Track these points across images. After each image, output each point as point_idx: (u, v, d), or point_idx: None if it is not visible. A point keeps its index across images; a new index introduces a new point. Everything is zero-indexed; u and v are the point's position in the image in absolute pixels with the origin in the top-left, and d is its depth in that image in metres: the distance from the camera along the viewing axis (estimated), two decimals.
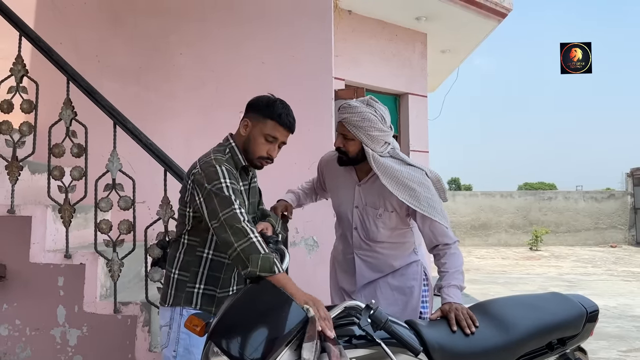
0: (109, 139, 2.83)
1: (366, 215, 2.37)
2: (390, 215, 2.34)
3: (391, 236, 2.38)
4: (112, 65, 4.06)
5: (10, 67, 2.91)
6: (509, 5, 6.81)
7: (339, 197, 2.48)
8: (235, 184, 1.86)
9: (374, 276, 2.42)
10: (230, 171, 1.88)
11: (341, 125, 2.30)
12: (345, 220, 2.45)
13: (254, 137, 1.97)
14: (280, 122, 1.95)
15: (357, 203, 2.40)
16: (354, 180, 2.43)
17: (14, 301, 2.94)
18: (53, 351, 2.90)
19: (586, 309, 2.08)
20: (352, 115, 2.24)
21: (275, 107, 1.96)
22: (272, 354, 1.36)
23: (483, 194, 17.03)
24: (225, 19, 4.14)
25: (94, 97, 2.85)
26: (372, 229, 2.36)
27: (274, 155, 2.01)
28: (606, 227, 16.50)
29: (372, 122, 2.23)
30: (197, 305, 1.95)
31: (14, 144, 2.86)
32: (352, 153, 2.31)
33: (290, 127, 1.99)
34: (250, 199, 2.08)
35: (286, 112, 1.97)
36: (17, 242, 2.89)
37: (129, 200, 2.78)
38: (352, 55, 6.22)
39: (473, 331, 1.86)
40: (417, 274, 2.43)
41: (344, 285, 2.50)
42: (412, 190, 2.23)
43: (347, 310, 1.58)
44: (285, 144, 2.04)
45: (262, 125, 1.96)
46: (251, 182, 2.10)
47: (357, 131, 2.24)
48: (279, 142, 2.00)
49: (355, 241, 2.42)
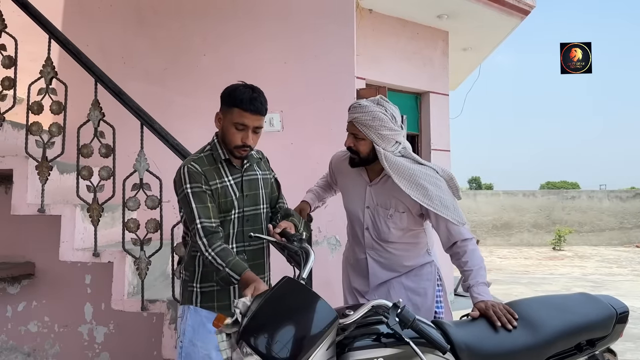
0: (136, 139, 2.87)
1: (377, 216, 2.36)
2: (401, 215, 2.32)
3: (403, 237, 2.36)
4: (137, 66, 4.12)
5: (39, 70, 2.97)
6: (532, 2, 6.72)
7: (350, 196, 2.48)
8: (199, 186, 1.94)
9: (388, 276, 2.40)
10: (194, 173, 1.95)
11: (351, 125, 2.31)
12: (356, 220, 2.45)
13: (226, 128, 1.99)
14: (244, 107, 1.92)
15: (368, 203, 2.39)
16: (365, 181, 2.42)
17: (42, 298, 3.00)
18: (81, 348, 2.96)
19: (616, 310, 2.05)
20: (363, 114, 2.24)
21: (237, 94, 1.94)
22: (303, 354, 1.37)
23: (505, 193, 16.84)
24: (248, 20, 4.16)
25: (121, 98, 2.89)
26: (384, 229, 2.35)
27: (249, 142, 1.98)
28: (631, 226, 16.18)
29: (383, 121, 2.22)
30: (197, 303, 2.04)
31: (43, 145, 2.91)
32: (363, 153, 2.30)
33: (257, 110, 1.95)
34: (245, 192, 2.07)
35: (249, 97, 1.93)
36: (47, 241, 2.95)
37: (156, 200, 2.82)
38: (373, 54, 6.20)
39: (515, 325, 1.87)
40: (430, 275, 2.42)
41: (357, 285, 2.49)
42: (425, 189, 2.20)
43: (374, 309, 1.58)
44: (261, 127, 2.01)
45: (230, 114, 1.97)
46: (244, 174, 2.09)
47: (368, 130, 2.24)
48: (251, 128, 1.97)
49: (367, 241, 2.41)
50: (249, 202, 2.09)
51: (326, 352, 1.44)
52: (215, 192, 2.00)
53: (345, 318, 1.54)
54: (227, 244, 2.02)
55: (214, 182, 2.00)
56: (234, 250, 2.04)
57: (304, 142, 3.94)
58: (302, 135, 3.95)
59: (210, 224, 1.92)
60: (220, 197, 2.01)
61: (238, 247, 2.08)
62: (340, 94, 4.00)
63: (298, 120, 4.01)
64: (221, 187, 2.02)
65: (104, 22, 4.22)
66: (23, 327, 3.00)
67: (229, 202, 2.03)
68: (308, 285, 1.66)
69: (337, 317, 1.47)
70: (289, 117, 4.03)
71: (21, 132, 3.13)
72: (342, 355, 1.53)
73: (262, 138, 2.10)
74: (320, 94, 4.03)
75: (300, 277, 1.67)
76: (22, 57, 3.05)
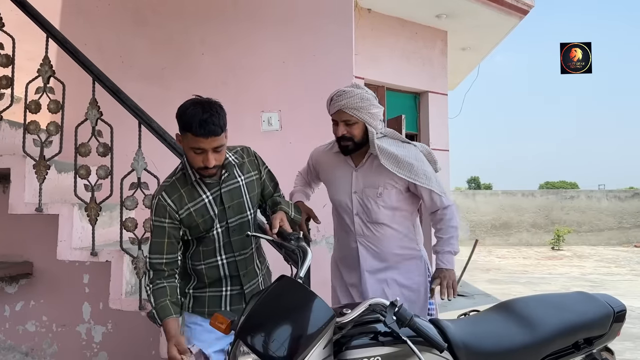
0: (133, 138, 2.86)
1: (366, 198, 2.42)
2: (390, 192, 2.40)
3: (393, 218, 2.42)
4: (136, 65, 4.11)
5: (37, 68, 2.96)
6: (531, 2, 6.72)
7: (336, 186, 2.53)
8: (161, 221, 1.95)
9: (379, 266, 2.43)
10: (160, 206, 1.95)
11: (341, 113, 2.36)
12: (344, 209, 2.50)
13: (186, 151, 1.91)
14: (195, 132, 1.79)
15: (355, 188, 2.45)
16: (351, 167, 2.49)
17: (40, 298, 2.99)
18: (79, 347, 2.95)
19: (613, 309, 2.06)
20: (351, 98, 2.32)
21: (186, 117, 1.81)
22: (300, 352, 1.37)
23: (504, 193, 16.83)
24: (246, 20, 4.15)
25: (119, 97, 2.88)
26: (374, 209, 2.41)
27: (209, 164, 1.85)
28: (630, 226, 16.17)
29: (370, 100, 2.34)
30: (189, 308, 2.08)
31: (41, 144, 2.91)
32: (357, 137, 2.38)
33: (209, 133, 1.80)
34: (227, 203, 2.01)
35: (199, 120, 1.79)
36: (44, 240, 2.94)
37: None
38: (371, 53, 6.19)
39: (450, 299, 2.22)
40: (421, 270, 2.47)
41: (349, 279, 2.52)
42: (410, 165, 2.35)
43: (371, 307, 1.58)
44: (222, 145, 1.88)
45: (185, 138, 1.86)
46: (223, 186, 2.01)
47: (359, 112, 2.32)
48: (209, 150, 1.84)
49: (357, 228, 2.46)
50: (233, 212, 2.04)
51: (323, 350, 1.44)
52: (189, 217, 1.97)
53: (343, 317, 1.54)
54: (215, 257, 2.04)
55: (186, 207, 1.96)
56: (224, 262, 2.05)
57: (302, 142, 3.92)
58: (301, 135, 3.95)
59: (158, 260, 1.96)
60: (197, 218, 1.97)
61: (228, 259, 2.06)
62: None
63: (296, 119, 4.01)
64: (196, 209, 1.97)
65: (102, 21, 4.21)
66: (21, 327, 2.99)
67: (208, 220, 1.99)
68: (306, 284, 1.66)
69: (334, 315, 1.47)
70: (287, 117, 4.03)
71: (19, 131, 3.12)
72: (340, 353, 1.53)
73: (261, 137, 2.10)
74: (319, 94, 4.00)
75: (297, 276, 1.67)
76: (20, 56, 3.04)
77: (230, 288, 2.08)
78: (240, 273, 2.07)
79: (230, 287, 2.08)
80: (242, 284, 2.09)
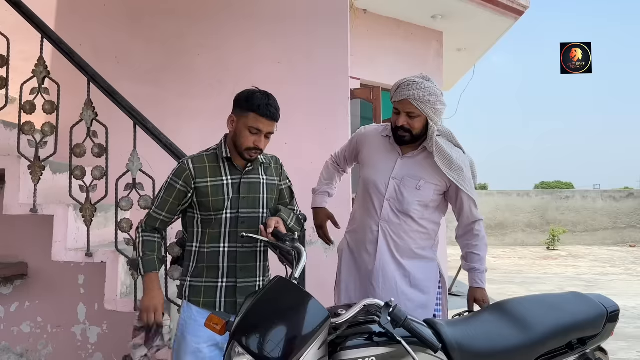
0: (129, 139, 2.86)
1: (404, 186, 2.39)
2: (429, 189, 2.38)
3: (422, 215, 2.40)
4: (131, 66, 4.11)
5: (32, 69, 2.95)
6: (526, 3, 6.74)
7: (376, 167, 2.48)
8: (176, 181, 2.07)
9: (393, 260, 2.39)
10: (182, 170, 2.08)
11: (406, 103, 2.32)
12: (376, 191, 2.44)
13: (239, 131, 2.06)
14: (261, 113, 2.01)
15: (395, 174, 2.42)
16: (397, 153, 2.46)
17: (35, 299, 2.99)
18: (74, 348, 2.95)
19: (607, 309, 2.07)
20: (420, 90, 2.29)
21: (254, 100, 2.02)
22: (295, 353, 1.37)
23: (499, 193, 16.89)
24: (242, 21, 4.16)
25: (115, 98, 2.88)
26: (408, 199, 2.37)
27: (260, 146, 2.06)
28: (625, 226, 16.25)
29: (438, 96, 2.32)
30: (186, 298, 2.12)
31: (36, 144, 2.90)
32: (417, 130, 2.35)
33: (272, 116, 2.04)
34: (243, 194, 2.11)
35: (266, 103, 2.02)
36: (39, 241, 2.94)
37: (149, 200, 2.81)
38: (367, 54, 6.20)
39: None
40: (433, 274, 2.45)
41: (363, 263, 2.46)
42: (460, 170, 2.35)
43: (366, 308, 1.58)
44: (273, 133, 2.10)
45: (245, 118, 2.04)
46: (244, 176, 2.12)
47: (424, 106, 2.30)
48: (264, 133, 2.05)
49: (384, 212, 2.41)
50: (246, 204, 2.12)
51: (318, 351, 1.44)
52: (204, 189, 2.06)
53: (337, 317, 1.54)
54: (218, 243, 2.08)
55: (205, 179, 2.07)
56: (225, 250, 2.08)
57: (297, 142, 3.93)
58: (296, 135, 3.95)
59: (157, 215, 2.12)
60: (212, 195, 2.06)
61: (230, 247, 2.10)
62: (334, 94, 4.01)
63: (292, 120, 4.01)
64: (213, 186, 2.07)
65: (97, 21, 4.20)
66: (16, 328, 2.98)
67: (219, 201, 2.07)
68: (300, 285, 1.66)
69: (329, 316, 1.48)
70: (282, 117, 3.99)
71: (13, 131, 3.11)
72: (334, 354, 1.54)
73: None
74: (315, 94, 4.03)
75: (292, 277, 1.67)
76: (15, 57, 3.03)
77: (226, 280, 2.10)
78: (237, 265, 2.10)
79: (225, 278, 2.10)
80: (237, 277, 2.10)
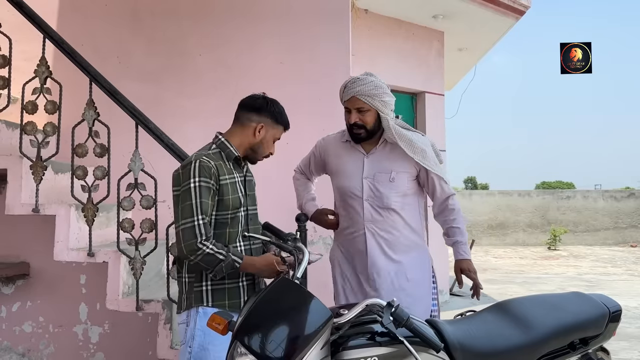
0: (130, 139, 2.87)
1: (378, 183, 2.44)
2: (402, 178, 2.44)
3: (403, 205, 2.44)
4: (132, 66, 4.11)
5: (34, 69, 2.96)
6: (527, 3, 6.73)
7: (346, 173, 2.53)
8: (207, 181, 1.94)
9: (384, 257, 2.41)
10: (206, 167, 1.95)
11: (354, 100, 2.40)
12: (353, 195, 2.48)
13: (266, 140, 2.16)
14: (287, 128, 2.23)
15: (366, 174, 2.47)
16: (362, 153, 2.51)
17: (37, 298, 2.99)
18: (75, 348, 2.95)
19: (609, 309, 2.07)
20: (365, 85, 2.36)
21: (284, 116, 2.20)
22: (298, 353, 1.37)
23: (500, 193, 16.86)
24: (243, 20, 4.16)
25: (116, 98, 2.89)
26: (385, 193, 2.42)
27: (274, 152, 2.22)
28: (626, 226, 16.22)
29: (383, 88, 2.39)
30: (208, 302, 1.99)
31: (38, 144, 2.91)
32: (369, 124, 2.42)
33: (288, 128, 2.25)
34: (247, 191, 2.15)
35: (288, 119, 2.22)
36: (41, 241, 2.94)
37: (151, 200, 2.82)
38: (368, 54, 6.19)
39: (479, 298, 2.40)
40: (426, 263, 2.49)
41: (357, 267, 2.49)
42: (424, 152, 2.43)
43: (368, 307, 1.58)
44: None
45: (275, 131, 2.17)
46: (246, 175, 2.18)
47: (372, 100, 2.37)
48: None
49: (366, 213, 2.44)
50: (251, 201, 2.16)
51: (320, 351, 1.44)
52: (225, 187, 2.01)
53: (340, 317, 1.54)
54: (235, 242, 2.05)
55: (224, 177, 2.01)
56: (243, 249, 2.07)
57: (299, 142, 3.93)
58: (298, 136, 3.93)
59: (205, 220, 1.93)
60: (231, 193, 2.02)
61: (245, 247, 2.09)
62: (336, 93, 3.97)
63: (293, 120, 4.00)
64: (231, 183, 2.04)
65: (99, 21, 4.20)
66: (17, 328, 2.99)
67: (237, 199, 2.05)
68: (302, 285, 1.66)
69: (331, 316, 1.48)
70: None
71: (15, 131, 3.12)
72: (337, 354, 1.54)
73: None
74: (316, 94, 4.03)
75: (294, 277, 1.67)
76: (17, 57, 3.04)
77: (245, 279, 2.07)
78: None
79: (245, 276, 2.07)
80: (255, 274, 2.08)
